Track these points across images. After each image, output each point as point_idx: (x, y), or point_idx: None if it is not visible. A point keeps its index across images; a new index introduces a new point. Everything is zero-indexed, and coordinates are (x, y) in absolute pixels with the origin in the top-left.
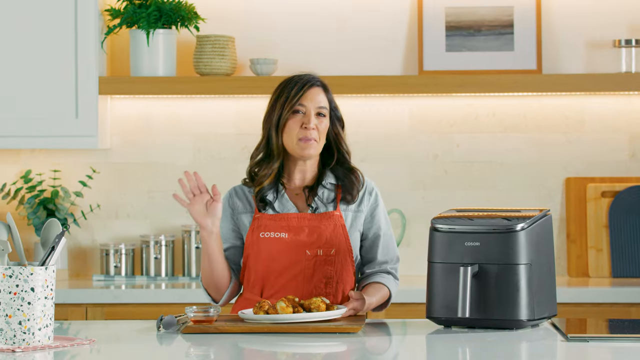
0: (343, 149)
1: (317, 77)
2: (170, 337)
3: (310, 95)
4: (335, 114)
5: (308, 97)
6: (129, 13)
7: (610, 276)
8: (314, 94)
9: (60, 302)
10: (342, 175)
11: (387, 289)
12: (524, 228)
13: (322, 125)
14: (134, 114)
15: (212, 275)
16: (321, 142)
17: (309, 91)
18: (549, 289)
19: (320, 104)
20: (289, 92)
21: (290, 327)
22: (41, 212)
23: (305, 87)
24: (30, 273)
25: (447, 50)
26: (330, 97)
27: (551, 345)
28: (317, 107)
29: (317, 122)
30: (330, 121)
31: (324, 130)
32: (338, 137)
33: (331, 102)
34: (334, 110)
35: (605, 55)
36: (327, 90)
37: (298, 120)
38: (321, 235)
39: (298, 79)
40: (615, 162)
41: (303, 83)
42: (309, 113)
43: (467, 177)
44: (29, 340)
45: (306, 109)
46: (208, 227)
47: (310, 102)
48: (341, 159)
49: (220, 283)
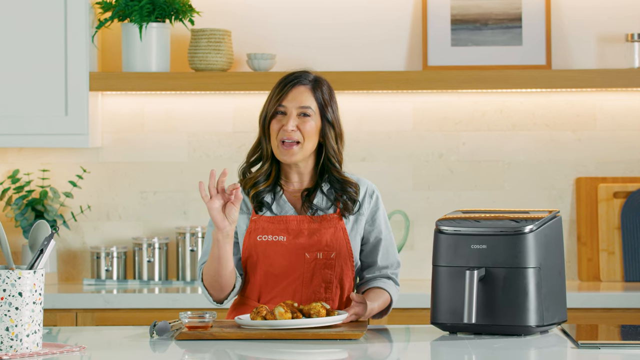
0: (330, 155)
1: (309, 75)
2: (164, 344)
3: (292, 94)
4: (326, 115)
5: (289, 97)
6: (120, 6)
7: (622, 280)
8: (297, 93)
9: (49, 307)
10: (339, 189)
11: (388, 295)
12: (533, 230)
13: (306, 126)
14: (126, 111)
15: (219, 278)
16: (307, 145)
17: (292, 90)
18: (559, 294)
19: (302, 103)
20: (273, 91)
21: (289, 334)
22: (29, 214)
23: (287, 87)
24: (18, 277)
25: (452, 45)
26: (322, 97)
27: (561, 352)
28: (298, 107)
29: (299, 122)
30: (322, 124)
31: (309, 132)
32: (327, 141)
33: (320, 102)
34: (325, 113)
35: (618, 50)
36: (317, 89)
37: (278, 121)
38: (321, 238)
39: (286, 77)
40: (628, 161)
41: (287, 82)
42: (290, 113)
43: (473, 177)
44: (16, 347)
45: (286, 109)
46: (226, 230)
47: (291, 102)
48: (329, 166)
49: (226, 285)
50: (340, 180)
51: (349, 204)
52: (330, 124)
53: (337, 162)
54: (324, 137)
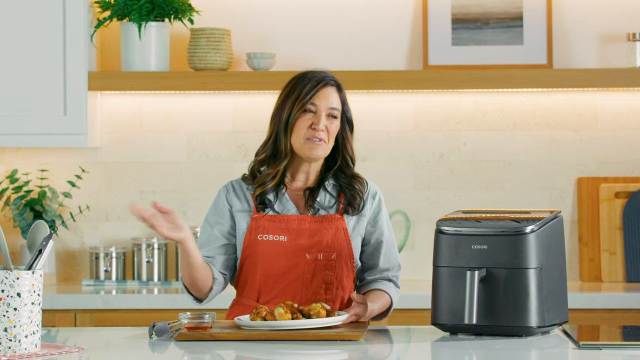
0: (347, 154)
1: (331, 75)
2: (163, 345)
3: (323, 94)
4: (347, 115)
5: (320, 97)
6: (119, 5)
7: (624, 281)
8: (327, 93)
9: (47, 308)
10: (345, 184)
11: (388, 297)
12: (534, 230)
13: (332, 127)
14: (125, 111)
15: (195, 281)
16: (330, 144)
17: (322, 90)
18: (560, 294)
19: (332, 104)
20: (300, 89)
21: (289, 334)
22: (28, 214)
23: (319, 86)
24: (17, 278)
25: (453, 44)
26: (344, 98)
27: (562, 353)
28: (328, 108)
29: (327, 123)
30: (340, 123)
31: (334, 132)
32: (345, 141)
33: (344, 103)
34: (346, 112)
35: (619, 49)
36: (340, 90)
37: (308, 119)
38: (322, 239)
39: (312, 76)
40: (630, 161)
41: (317, 81)
42: (320, 113)
43: (474, 176)
44: (15, 347)
45: (317, 108)
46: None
47: (322, 102)
48: (344, 164)
49: (204, 285)
50: (349, 175)
51: (355, 198)
52: (349, 125)
53: (352, 162)
54: (343, 138)
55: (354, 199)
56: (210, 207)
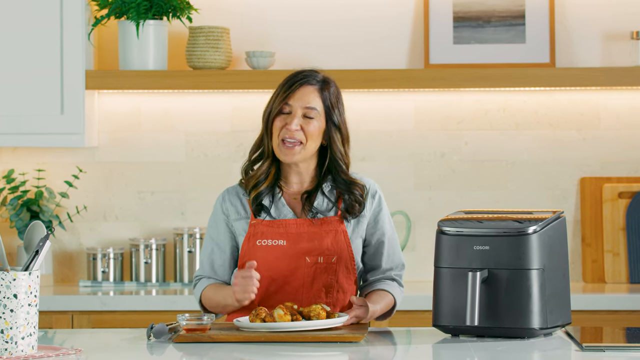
0: (337, 157)
1: (317, 75)
2: (162, 347)
3: (298, 94)
4: (332, 117)
5: (296, 96)
6: (117, 3)
7: (627, 282)
8: (304, 93)
9: (44, 309)
10: (344, 189)
11: (391, 297)
12: (537, 231)
13: (309, 127)
14: (123, 110)
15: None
16: (309, 146)
17: (299, 90)
18: (563, 296)
19: (308, 104)
20: (279, 89)
21: (289, 336)
22: (24, 214)
23: (294, 86)
24: (13, 279)
25: (454, 43)
26: (328, 99)
27: (565, 355)
28: (304, 107)
29: (303, 123)
30: (326, 125)
31: (312, 132)
32: (332, 143)
33: (330, 106)
34: (331, 115)
35: (623, 47)
36: (324, 90)
37: (282, 120)
38: (322, 242)
39: (293, 76)
40: (633, 161)
41: (294, 81)
42: (295, 113)
43: (476, 176)
44: (11, 349)
45: (292, 108)
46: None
47: (296, 102)
48: (333, 167)
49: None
50: (347, 181)
51: (355, 205)
52: (336, 126)
53: (344, 164)
54: (330, 140)
55: (353, 206)
56: (210, 219)
